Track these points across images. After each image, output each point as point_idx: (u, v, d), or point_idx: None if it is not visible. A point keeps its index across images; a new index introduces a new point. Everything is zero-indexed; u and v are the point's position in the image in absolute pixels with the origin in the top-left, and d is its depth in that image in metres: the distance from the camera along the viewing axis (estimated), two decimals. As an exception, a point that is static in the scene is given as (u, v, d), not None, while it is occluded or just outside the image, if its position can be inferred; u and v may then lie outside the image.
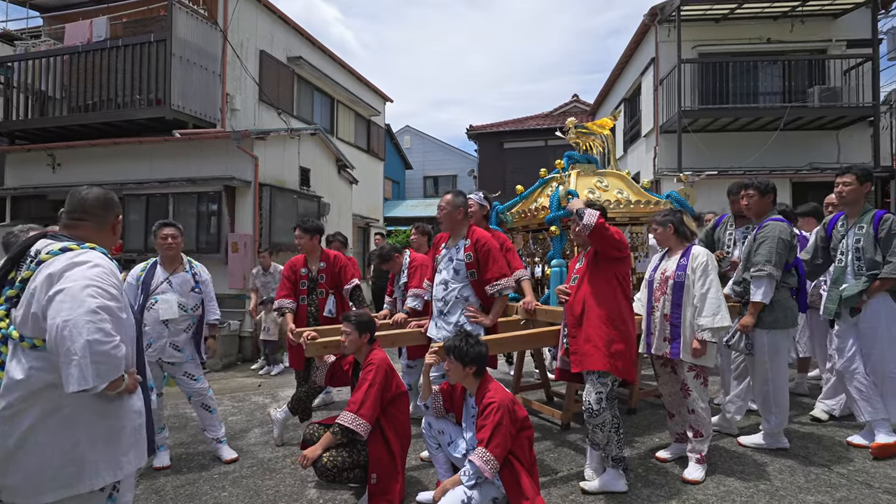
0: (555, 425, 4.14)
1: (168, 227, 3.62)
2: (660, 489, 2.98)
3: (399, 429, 2.93)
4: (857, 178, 3.48)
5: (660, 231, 3.29)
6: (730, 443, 3.62)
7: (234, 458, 3.64)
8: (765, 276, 3.30)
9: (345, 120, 13.50)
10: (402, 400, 3.00)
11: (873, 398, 3.36)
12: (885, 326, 3.40)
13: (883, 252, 3.37)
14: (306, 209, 9.04)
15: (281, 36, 10.76)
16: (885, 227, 3.38)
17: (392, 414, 2.92)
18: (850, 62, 10.34)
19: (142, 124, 8.53)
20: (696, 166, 10.27)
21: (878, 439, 3.33)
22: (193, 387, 3.62)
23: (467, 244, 3.47)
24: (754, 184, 3.62)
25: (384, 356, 3.01)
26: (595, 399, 2.85)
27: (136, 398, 1.89)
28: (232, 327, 7.36)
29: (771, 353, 3.38)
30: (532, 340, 3.61)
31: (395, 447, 2.87)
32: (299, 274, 4.03)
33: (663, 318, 3.20)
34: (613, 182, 4.45)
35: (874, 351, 3.41)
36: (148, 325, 3.46)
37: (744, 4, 9.95)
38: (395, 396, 2.96)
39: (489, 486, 2.58)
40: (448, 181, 24.08)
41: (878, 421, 3.36)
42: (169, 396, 5.20)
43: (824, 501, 2.79)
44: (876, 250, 3.39)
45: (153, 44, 8.17)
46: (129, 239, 7.99)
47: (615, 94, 15.01)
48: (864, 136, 10.38)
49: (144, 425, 1.92)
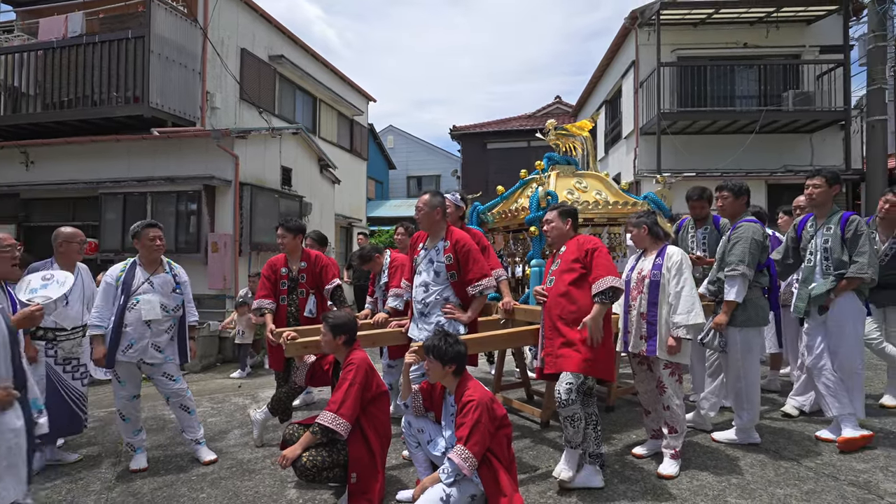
0: (534, 423, 4.19)
1: (154, 228, 3.59)
2: (635, 485, 3.04)
3: (379, 428, 2.94)
4: (826, 180, 3.58)
5: (635, 232, 3.36)
6: (704, 438, 3.70)
7: (212, 459, 3.61)
8: (738, 275, 3.39)
9: (327, 119, 13.44)
10: (382, 399, 3.01)
11: (840, 394, 3.47)
12: (851, 324, 3.51)
13: (849, 252, 3.48)
14: (288, 209, 8.98)
15: (262, 34, 10.67)
16: (852, 228, 3.49)
17: (372, 413, 2.93)
18: (823, 67, 10.62)
19: (120, 122, 8.39)
20: (675, 168, 10.46)
21: (844, 434, 3.44)
22: (172, 387, 3.58)
23: (447, 246, 3.49)
24: (728, 186, 3.72)
25: (364, 356, 3.01)
26: (564, 389, 2.86)
27: (12, 415, 1.71)
28: (212, 328, 7.28)
29: (743, 351, 3.48)
30: (511, 339, 3.65)
31: (376, 446, 2.88)
32: (279, 274, 4.01)
33: (640, 316, 3.27)
34: (592, 183, 4.52)
35: (841, 348, 3.52)
36: (129, 325, 3.42)
37: (721, 10, 10.17)
38: (376, 396, 2.96)
39: (468, 484, 2.61)
40: (431, 181, 24.08)
41: (844, 416, 3.47)
42: (146, 398, 5.15)
43: (792, 494, 2.87)
44: (843, 250, 3.50)
45: (131, 40, 8.05)
46: (105, 238, 7.86)
47: (597, 95, 15.19)
48: (836, 139, 10.67)
49: (23, 448, 1.72)
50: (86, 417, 3.78)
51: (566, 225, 3.19)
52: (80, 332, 3.67)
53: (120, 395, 3.50)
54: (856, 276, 3.43)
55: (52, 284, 3.08)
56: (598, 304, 2.90)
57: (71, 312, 3.63)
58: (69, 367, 3.64)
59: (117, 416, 3.55)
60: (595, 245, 3.04)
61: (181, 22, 8.61)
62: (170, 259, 3.77)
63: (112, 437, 4.22)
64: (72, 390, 3.63)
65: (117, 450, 3.91)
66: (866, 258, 3.41)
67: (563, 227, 3.19)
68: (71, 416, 3.61)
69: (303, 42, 11.89)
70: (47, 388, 3.49)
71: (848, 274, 3.46)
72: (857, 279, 3.44)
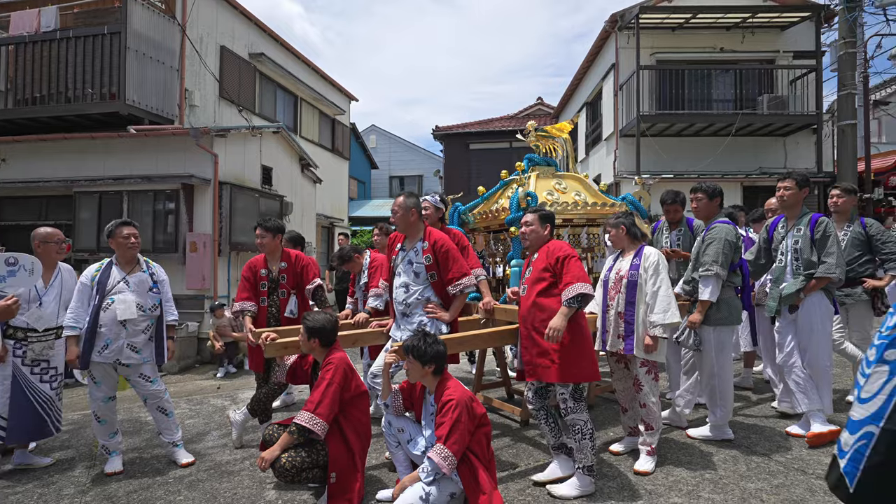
0: (514, 422, 4.23)
1: (129, 227, 3.53)
2: (612, 481, 3.09)
3: (359, 428, 2.94)
4: (796, 182, 3.69)
5: (613, 232, 3.42)
6: (679, 435, 3.78)
7: (190, 461, 3.58)
8: (712, 275, 3.47)
9: (309, 118, 13.34)
10: (361, 400, 3.01)
11: (810, 391, 3.58)
12: (819, 322, 3.62)
13: (818, 253, 3.59)
14: (268, 208, 8.90)
15: (242, 32, 10.55)
16: (821, 230, 3.60)
17: (351, 413, 2.93)
18: (796, 72, 10.90)
19: (95, 119, 8.22)
20: (654, 169, 10.63)
21: (813, 429, 3.54)
22: (149, 389, 3.54)
23: (425, 246, 3.50)
24: (703, 188, 3.81)
25: (343, 356, 3.01)
26: (561, 400, 2.96)
27: None
28: (190, 329, 7.19)
29: (717, 349, 3.56)
30: (492, 339, 3.67)
31: (355, 446, 2.88)
32: (259, 275, 3.97)
33: (618, 315, 3.32)
34: (571, 184, 4.58)
35: (811, 345, 3.62)
36: (105, 326, 3.37)
37: (698, 14, 10.37)
38: (355, 396, 2.97)
39: (447, 482, 2.64)
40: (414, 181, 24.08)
41: (813, 412, 3.57)
42: (123, 400, 5.07)
43: (763, 488, 2.95)
44: (812, 251, 3.61)
45: (106, 36, 7.88)
46: (80, 238, 7.70)
47: (578, 97, 15.34)
48: (809, 142, 10.95)
49: None
50: (58, 421, 3.66)
51: (544, 230, 3.18)
52: (52, 334, 3.59)
53: (95, 396, 3.44)
54: (824, 276, 3.54)
55: (19, 272, 3.01)
56: (565, 307, 2.88)
57: (45, 313, 3.54)
58: (37, 370, 3.53)
59: (92, 418, 3.50)
60: (566, 253, 3.00)
61: (158, 18, 8.47)
62: (147, 258, 3.72)
63: (87, 440, 4.15)
64: (39, 393, 3.51)
65: (92, 453, 3.85)
66: (834, 258, 3.52)
67: (541, 231, 3.17)
68: (37, 420, 3.50)
69: (283, 40, 11.79)
70: (12, 389, 3.40)
71: (817, 274, 3.57)
72: (826, 279, 3.55)
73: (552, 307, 2.97)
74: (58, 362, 3.63)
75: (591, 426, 2.93)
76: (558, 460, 3.13)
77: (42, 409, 3.52)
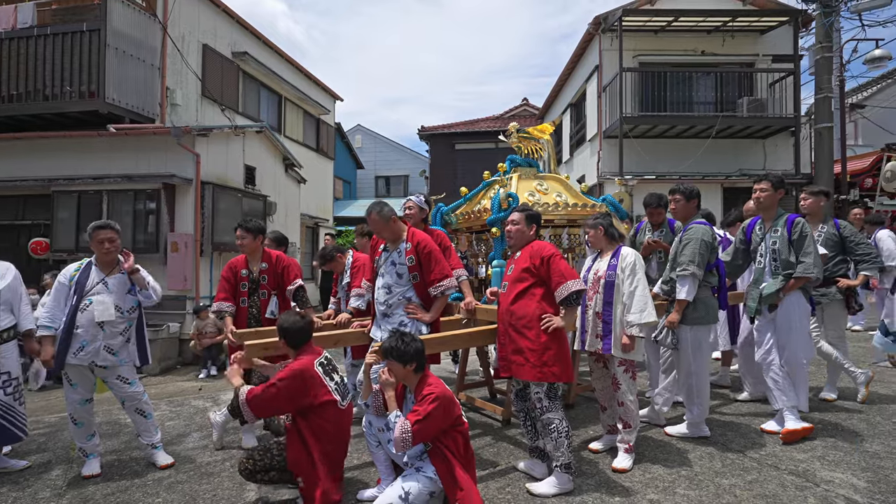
0: (496, 421, 4.26)
1: (104, 230, 3.44)
2: (590, 479, 3.14)
3: (322, 435, 2.85)
4: (772, 184, 3.77)
5: (591, 233, 3.46)
6: (657, 433, 3.84)
7: (169, 463, 3.55)
8: (688, 275, 3.54)
9: (293, 118, 13.26)
10: (326, 408, 2.88)
11: (787, 389, 3.66)
12: (797, 320, 3.70)
13: (796, 253, 3.68)
14: (251, 208, 8.84)
15: (225, 30, 10.46)
16: (798, 230, 3.68)
17: (314, 420, 2.86)
18: (775, 76, 11.10)
19: (74, 118, 8.10)
20: (637, 170, 10.76)
21: (787, 425, 3.62)
22: (127, 391, 3.50)
23: (408, 247, 3.52)
24: (680, 189, 3.87)
25: (304, 364, 2.90)
26: (535, 399, 2.99)
27: None
28: (171, 330, 7.12)
29: (694, 348, 3.63)
30: (472, 339, 3.70)
31: (315, 453, 2.81)
32: (239, 275, 3.95)
33: (596, 315, 3.37)
34: (553, 185, 4.62)
35: (789, 343, 3.70)
36: (81, 327, 3.32)
37: (680, 18, 10.51)
38: (317, 405, 2.86)
39: (426, 481, 2.65)
40: (400, 181, 24.05)
41: (788, 409, 3.66)
42: (102, 402, 5.00)
43: (737, 484, 3.02)
44: (790, 252, 3.69)
45: (85, 33, 7.77)
46: (59, 238, 7.58)
47: (562, 98, 15.45)
48: (788, 144, 11.17)
49: None
50: (23, 424, 3.54)
51: (530, 230, 3.20)
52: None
53: (72, 398, 3.40)
54: (803, 276, 3.62)
55: None
56: (566, 310, 2.94)
57: None
58: None
59: (69, 420, 3.45)
60: (549, 253, 3.02)
61: (139, 16, 8.37)
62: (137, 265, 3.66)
63: (64, 442, 4.09)
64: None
65: (69, 456, 3.80)
66: (811, 258, 3.62)
67: (526, 230, 3.19)
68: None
69: (267, 39, 11.71)
70: None
71: (796, 273, 3.65)
72: (804, 278, 3.64)
73: (530, 306, 3.00)
74: (10, 366, 3.50)
75: (567, 425, 2.96)
76: (533, 462, 3.21)
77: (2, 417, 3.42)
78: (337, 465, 2.95)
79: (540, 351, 2.94)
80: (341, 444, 2.98)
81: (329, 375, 2.99)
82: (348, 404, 3.05)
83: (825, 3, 9.80)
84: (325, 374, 2.97)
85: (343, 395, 3.01)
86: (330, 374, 3.01)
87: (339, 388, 3.00)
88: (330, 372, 3.02)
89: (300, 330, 3.00)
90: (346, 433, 3.00)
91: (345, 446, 3.02)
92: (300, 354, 2.99)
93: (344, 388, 3.06)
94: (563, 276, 2.93)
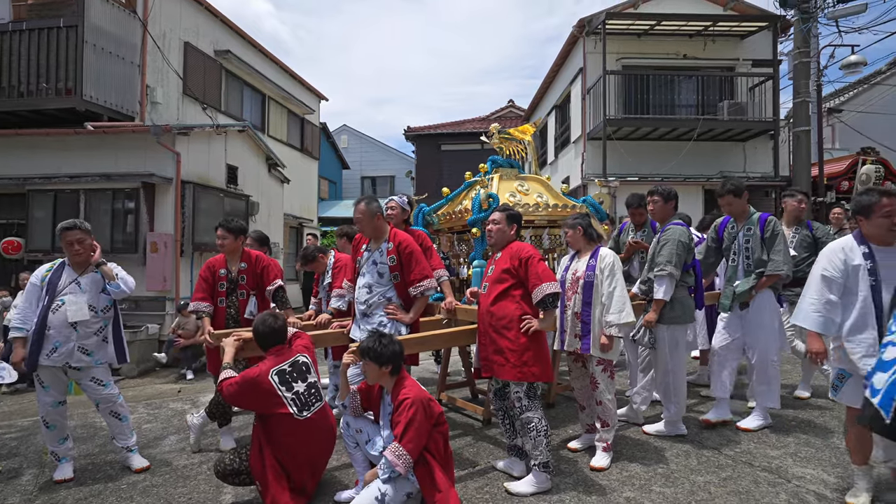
0: (477, 421, 4.27)
1: (72, 231, 3.35)
2: (568, 477, 3.15)
3: (273, 442, 2.81)
4: (735, 194, 3.84)
5: (571, 233, 3.48)
6: (635, 431, 3.88)
7: (145, 466, 3.49)
8: (665, 275, 3.58)
9: (277, 117, 13.16)
10: (280, 420, 2.81)
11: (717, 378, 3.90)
12: (767, 318, 3.77)
13: (767, 251, 3.75)
14: (233, 208, 8.76)
15: (207, 28, 10.35)
16: (770, 229, 3.75)
17: (268, 427, 2.83)
18: (755, 80, 11.28)
19: (51, 115, 7.96)
20: (620, 172, 10.85)
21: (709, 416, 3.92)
22: (101, 393, 3.44)
23: (390, 247, 3.52)
24: (658, 191, 3.91)
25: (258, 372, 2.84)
26: (514, 398, 3.00)
27: None
28: (150, 331, 7.01)
29: (671, 347, 3.67)
30: (452, 339, 3.70)
31: (267, 458, 2.78)
32: (218, 275, 3.91)
33: (574, 315, 3.39)
34: (534, 186, 4.64)
35: (759, 341, 3.77)
36: (53, 328, 3.26)
37: (662, 22, 10.63)
38: (270, 415, 2.82)
39: (403, 482, 2.65)
40: (386, 182, 23.98)
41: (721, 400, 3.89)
42: (77, 405, 4.92)
43: (711, 481, 3.06)
44: (762, 250, 3.76)
45: (62, 29, 7.64)
46: (34, 238, 7.44)
47: (548, 100, 15.54)
48: (767, 147, 11.35)
49: None
50: None
51: (511, 230, 3.21)
52: None
53: (44, 401, 3.34)
54: (774, 273, 3.69)
55: None
56: (544, 312, 2.97)
57: None
58: None
59: (41, 423, 3.38)
60: (528, 254, 3.03)
61: (118, 12, 8.25)
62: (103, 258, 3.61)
63: (36, 447, 4.01)
64: None
65: (41, 460, 3.72)
66: (781, 256, 3.69)
67: (507, 230, 3.20)
68: None
69: (251, 37, 11.61)
70: None
71: (766, 272, 3.72)
72: (775, 276, 3.71)
73: (510, 307, 3.02)
74: None
75: (546, 424, 2.98)
76: (511, 461, 3.23)
77: None
78: (291, 475, 2.83)
79: (520, 351, 2.96)
80: (298, 456, 2.85)
81: (288, 385, 2.85)
82: (317, 413, 2.92)
83: (803, 10, 9.98)
84: (283, 384, 2.84)
85: (303, 406, 2.87)
86: (290, 384, 2.86)
87: (299, 399, 2.86)
88: (291, 381, 2.87)
89: (269, 333, 2.96)
90: (306, 444, 2.87)
91: (306, 458, 2.88)
92: (267, 357, 2.95)
93: (308, 397, 2.90)
94: (539, 278, 2.95)
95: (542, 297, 2.92)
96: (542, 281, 2.94)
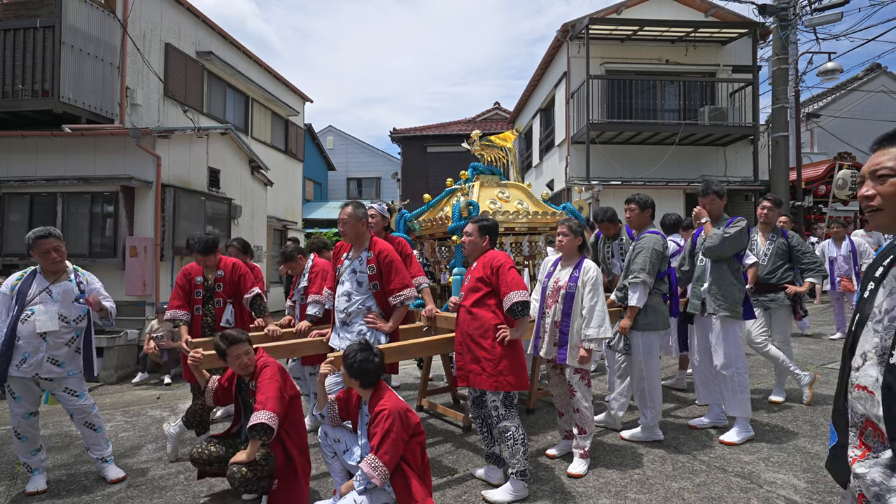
0: (458, 427, 4.28)
1: (49, 239, 3.28)
2: (545, 484, 3.18)
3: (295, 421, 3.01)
4: (718, 195, 3.90)
5: (569, 238, 3.42)
6: (612, 437, 3.92)
7: (120, 477, 3.45)
8: (640, 282, 3.63)
9: (260, 119, 13.05)
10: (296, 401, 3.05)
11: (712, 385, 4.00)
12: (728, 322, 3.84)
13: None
14: (215, 211, 8.67)
15: (189, 29, 10.24)
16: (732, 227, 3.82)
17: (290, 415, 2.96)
18: (735, 85, 11.46)
19: (27, 117, 7.80)
20: (604, 176, 10.96)
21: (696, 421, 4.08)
22: (75, 404, 3.39)
23: (370, 256, 3.52)
24: (635, 199, 3.96)
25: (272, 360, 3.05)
26: (492, 407, 3.02)
27: None
28: (129, 336, 6.92)
29: (645, 353, 3.72)
30: (432, 347, 3.71)
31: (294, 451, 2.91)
32: (194, 283, 3.87)
33: (553, 324, 3.41)
34: (514, 193, 4.67)
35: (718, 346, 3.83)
36: (22, 338, 3.20)
37: (645, 27, 10.76)
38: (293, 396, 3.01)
39: (380, 493, 2.65)
40: (372, 183, 23.94)
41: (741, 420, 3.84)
42: (51, 414, 4.84)
43: (686, 487, 3.11)
44: None
45: (39, 29, 7.50)
46: (9, 242, 7.29)
47: (532, 103, 15.62)
48: (747, 152, 11.54)
49: None
50: None
51: (483, 241, 3.21)
52: None
53: (15, 412, 3.28)
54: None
55: None
56: (517, 321, 2.99)
57: None
58: None
59: (12, 434, 3.32)
60: (500, 263, 3.05)
61: (97, 13, 8.12)
62: (77, 266, 3.56)
63: (9, 458, 3.94)
64: None
65: (13, 472, 3.66)
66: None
67: (479, 241, 3.21)
68: None
69: (233, 38, 11.50)
70: None
71: None
72: None
73: (486, 316, 3.04)
74: None
75: (523, 432, 3.00)
76: (490, 469, 3.24)
77: None
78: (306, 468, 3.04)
79: (495, 360, 2.97)
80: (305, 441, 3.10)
81: None
82: None
83: (782, 17, 10.17)
84: None
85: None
86: None
87: None
88: None
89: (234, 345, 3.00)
90: None
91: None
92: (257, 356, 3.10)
93: None
94: (508, 286, 2.97)
95: (511, 305, 2.95)
96: (511, 289, 2.96)
